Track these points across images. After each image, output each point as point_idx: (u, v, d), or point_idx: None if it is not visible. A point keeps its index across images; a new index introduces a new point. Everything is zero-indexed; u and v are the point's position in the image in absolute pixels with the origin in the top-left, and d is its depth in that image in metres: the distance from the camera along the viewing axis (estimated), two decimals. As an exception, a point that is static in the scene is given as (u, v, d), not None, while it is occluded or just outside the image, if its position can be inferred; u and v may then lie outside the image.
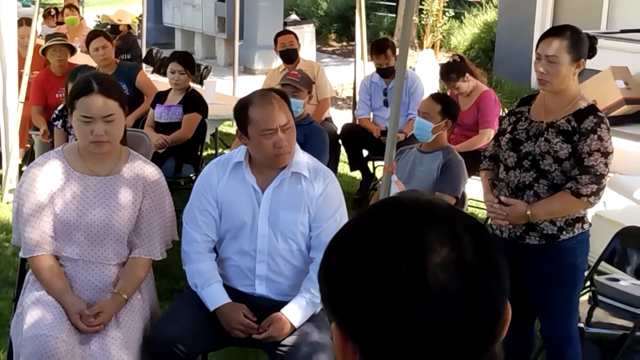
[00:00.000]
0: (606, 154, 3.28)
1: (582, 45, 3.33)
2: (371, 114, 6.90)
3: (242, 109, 3.24)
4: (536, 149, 3.38)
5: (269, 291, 3.30)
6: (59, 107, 5.33)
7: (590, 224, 3.51)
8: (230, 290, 3.27)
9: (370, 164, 7.06)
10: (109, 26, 10.32)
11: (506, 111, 6.98)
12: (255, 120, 3.17)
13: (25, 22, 7.36)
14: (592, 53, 3.39)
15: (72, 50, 6.90)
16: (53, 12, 12.15)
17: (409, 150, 4.79)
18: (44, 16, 11.79)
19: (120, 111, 3.15)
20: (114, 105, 3.12)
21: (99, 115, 3.08)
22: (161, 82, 7.06)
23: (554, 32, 3.38)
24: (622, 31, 9.28)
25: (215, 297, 3.23)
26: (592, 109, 3.34)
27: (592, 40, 3.40)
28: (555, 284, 3.44)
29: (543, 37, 3.38)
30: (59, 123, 5.22)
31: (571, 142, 3.31)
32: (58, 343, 2.87)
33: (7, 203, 6.25)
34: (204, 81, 8.34)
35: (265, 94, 3.32)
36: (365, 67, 8.18)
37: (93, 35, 6.81)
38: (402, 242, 0.99)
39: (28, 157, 6.89)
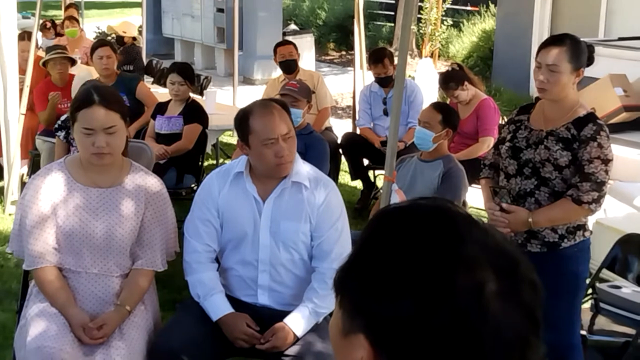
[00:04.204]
0: (606, 161, 3.29)
1: (581, 54, 3.36)
2: (371, 123, 6.92)
3: (243, 119, 3.25)
4: (536, 156, 3.39)
5: (271, 301, 3.30)
6: (62, 118, 5.33)
7: (591, 232, 3.52)
8: (233, 301, 3.28)
9: (370, 173, 7.06)
10: (110, 37, 10.35)
11: (505, 119, 6.99)
12: (257, 130, 3.19)
13: (27, 36, 7.40)
14: (589, 62, 3.41)
15: (72, 62, 6.93)
16: (49, 24, 12.13)
17: (409, 159, 4.80)
18: (40, 29, 11.80)
19: (121, 123, 3.16)
20: (115, 117, 3.13)
21: (100, 127, 3.09)
22: (161, 93, 7.07)
23: (554, 40, 3.40)
24: (620, 39, 9.30)
25: (218, 307, 3.23)
26: (591, 117, 3.36)
27: (590, 48, 3.42)
28: (557, 292, 3.44)
29: (543, 46, 3.39)
30: (61, 134, 5.23)
31: (571, 149, 3.32)
32: (62, 355, 2.88)
33: (10, 215, 6.26)
34: (204, 91, 8.36)
35: (266, 104, 3.34)
36: (364, 76, 8.20)
37: (100, 43, 6.85)
38: (461, 267, 0.94)
39: (30, 169, 6.90)
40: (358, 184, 7.21)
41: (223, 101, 8.64)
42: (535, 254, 3.43)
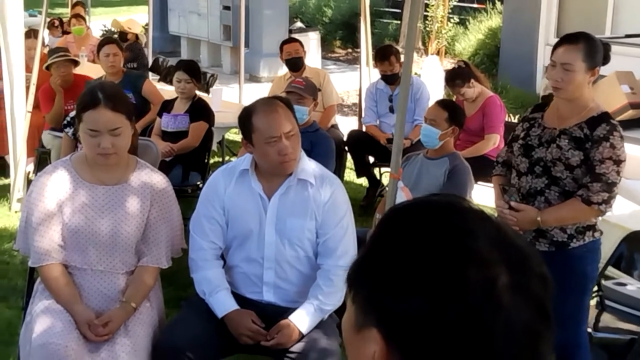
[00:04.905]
0: (618, 161, 3.26)
1: (596, 52, 3.31)
2: (377, 120, 6.92)
3: (246, 117, 3.25)
4: (548, 155, 3.37)
5: (276, 298, 3.31)
6: (71, 114, 5.33)
7: (601, 233, 3.48)
8: (238, 298, 3.29)
9: (376, 171, 7.06)
10: (115, 34, 10.36)
11: (511, 117, 6.96)
12: (260, 128, 3.19)
13: (33, 34, 7.41)
14: (605, 60, 3.36)
15: (75, 64, 6.94)
16: (57, 22, 12.17)
17: (415, 157, 4.79)
18: (48, 27, 11.83)
19: (127, 123, 3.16)
20: (120, 118, 3.13)
21: (105, 128, 3.10)
22: (167, 91, 7.08)
23: (569, 39, 3.35)
24: (627, 36, 9.27)
25: (223, 304, 3.24)
26: (605, 117, 3.32)
27: (606, 47, 3.37)
28: (565, 291, 3.40)
29: (557, 45, 3.35)
30: (69, 130, 5.24)
31: (583, 149, 3.29)
32: (67, 351, 2.89)
33: (16, 212, 6.28)
34: (210, 89, 8.36)
35: (269, 102, 3.34)
36: (370, 73, 8.19)
37: (106, 41, 6.87)
38: (472, 262, 0.94)
39: (36, 166, 6.92)
40: (364, 181, 7.21)
41: (229, 99, 8.64)
42: (543, 253, 3.41)
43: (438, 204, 1.03)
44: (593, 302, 4.02)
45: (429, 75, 10.24)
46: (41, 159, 6.80)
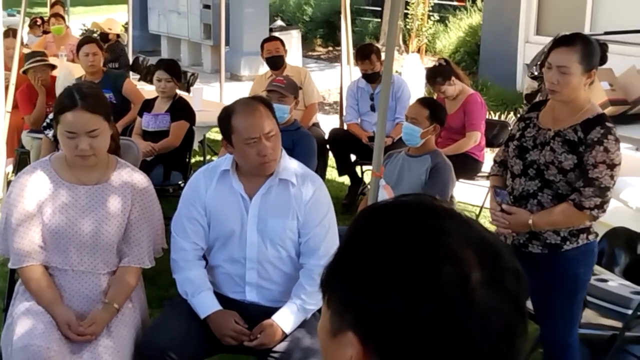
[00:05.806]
0: (612, 166, 3.21)
1: (593, 55, 3.26)
2: (359, 118, 6.92)
3: (226, 118, 3.24)
4: (541, 158, 3.34)
5: (259, 298, 3.30)
6: (50, 116, 5.30)
7: (597, 235, 3.45)
8: (221, 298, 3.28)
9: (358, 169, 7.07)
10: (95, 34, 10.30)
11: (492, 114, 6.97)
12: (239, 129, 3.17)
13: (12, 33, 7.35)
14: (602, 61, 3.33)
15: (52, 68, 6.90)
16: (39, 21, 12.10)
17: (397, 155, 4.80)
18: (30, 26, 11.76)
19: (104, 124, 3.14)
20: (98, 119, 3.10)
21: (82, 130, 3.07)
22: (148, 90, 7.04)
23: (565, 41, 3.29)
24: (606, 33, 9.32)
25: (206, 304, 3.23)
26: (600, 119, 3.27)
27: (603, 47, 3.33)
28: (556, 293, 3.40)
29: (554, 46, 3.31)
30: (49, 132, 5.20)
31: (576, 152, 3.25)
32: (49, 353, 2.87)
33: (-5, 213, 6.22)
34: (191, 88, 8.33)
35: (248, 103, 3.32)
36: (351, 72, 8.19)
37: (86, 40, 6.83)
38: (445, 259, 0.94)
39: (16, 167, 6.86)
40: (346, 179, 7.21)
41: (210, 98, 8.62)
42: (536, 255, 3.39)
43: (409, 203, 1.03)
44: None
45: (410, 73, 10.25)
46: (21, 160, 6.74)
